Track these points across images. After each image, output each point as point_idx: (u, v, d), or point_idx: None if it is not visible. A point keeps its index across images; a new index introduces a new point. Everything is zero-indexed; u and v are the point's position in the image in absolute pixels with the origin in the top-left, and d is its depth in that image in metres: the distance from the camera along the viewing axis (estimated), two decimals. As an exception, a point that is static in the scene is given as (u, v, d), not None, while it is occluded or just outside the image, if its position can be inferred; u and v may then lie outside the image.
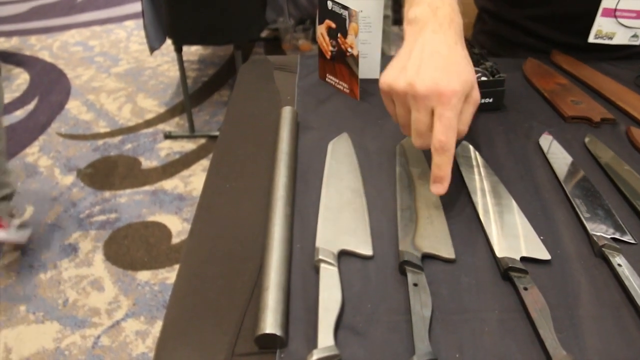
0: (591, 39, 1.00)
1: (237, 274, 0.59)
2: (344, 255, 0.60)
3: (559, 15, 1.05)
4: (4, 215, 1.90)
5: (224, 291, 0.57)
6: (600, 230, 0.63)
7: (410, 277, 0.56)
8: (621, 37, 0.99)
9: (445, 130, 0.60)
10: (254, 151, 0.77)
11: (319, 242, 0.59)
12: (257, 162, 0.74)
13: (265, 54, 3.52)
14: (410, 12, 0.70)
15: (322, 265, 0.57)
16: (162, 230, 2.14)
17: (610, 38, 0.99)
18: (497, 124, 0.84)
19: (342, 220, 0.63)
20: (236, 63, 2.59)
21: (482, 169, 0.73)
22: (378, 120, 0.84)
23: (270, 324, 0.50)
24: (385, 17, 2.69)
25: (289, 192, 0.66)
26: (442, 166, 0.61)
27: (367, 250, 0.60)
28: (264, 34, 3.62)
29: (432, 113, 0.61)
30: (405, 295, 0.55)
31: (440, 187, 0.63)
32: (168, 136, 2.72)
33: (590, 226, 0.64)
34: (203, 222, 0.67)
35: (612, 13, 0.97)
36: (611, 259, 0.59)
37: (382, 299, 0.55)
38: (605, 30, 0.98)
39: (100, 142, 2.70)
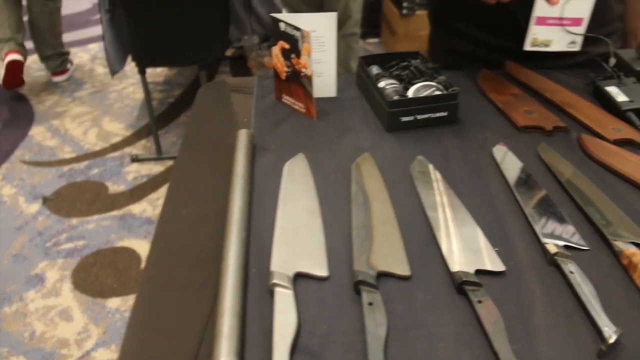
0: (527, 47, 0.99)
1: (194, 302, 0.58)
2: (299, 277, 0.59)
3: (509, 25, 1.07)
4: (65, 66, 3.49)
5: (181, 320, 0.57)
6: (552, 239, 0.65)
7: (365, 297, 0.56)
8: (558, 44, 0.99)
9: None
10: (211, 176, 0.77)
11: (274, 266, 0.59)
12: (214, 187, 0.74)
13: (231, 72, 3.53)
14: None
15: (277, 289, 0.57)
16: (132, 256, 2.11)
17: (547, 45, 0.99)
18: (453, 137, 0.85)
19: (298, 242, 0.63)
20: (201, 83, 2.58)
21: (437, 184, 0.74)
22: (334, 139, 0.84)
23: (225, 352, 0.50)
24: (353, 34, 2.70)
25: (244, 216, 0.66)
26: None
27: (323, 272, 0.60)
28: (229, 52, 3.61)
29: None
30: (360, 315, 0.55)
31: None
32: (135, 159, 2.69)
33: (542, 235, 0.65)
34: (160, 251, 0.66)
35: (546, 21, 0.98)
36: (563, 266, 0.60)
37: (337, 319, 0.55)
38: (540, 38, 0.99)
39: (65, 168, 2.66)
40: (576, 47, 0.97)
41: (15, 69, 3.18)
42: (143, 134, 2.91)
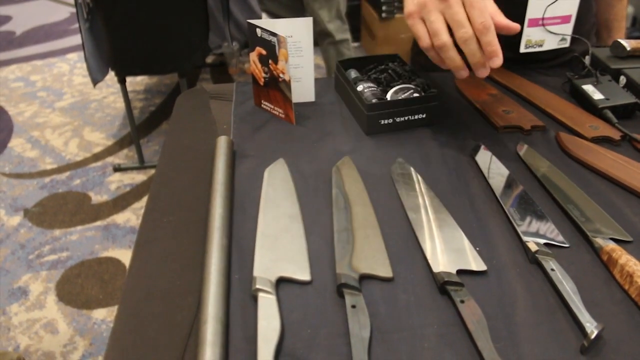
0: (522, 50, 1.03)
1: (177, 310, 0.58)
2: (282, 282, 0.59)
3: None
4: None
5: (163, 328, 0.56)
6: (533, 237, 0.65)
7: (348, 299, 0.56)
8: (550, 43, 1.03)
9: (481, 14, 0.70)
10: (191, 183, 0.76)
11: (257, 271, 0.59)
12: (194, 194, 0.74)
13: (212, 79, 3.52)
14: None
15: (260, 294, 0.56)
16: (117, 266, 2.09)
17: (541, 45, 1.03)
18: (432, 138, 0.86)
19: (280, 247, 0.63)
20: (182, 91, 2.57)
21: (417, 185, 0.74)
22: (314, 144, 0.84)
23: (209, 359, 0.50)
24: (344, 40, 2.71)
25: (225, 223, 0.65)
26: (492, 42, 0.70)
27: (305, 276, 0.60)
28: (209, 59, 3.61)
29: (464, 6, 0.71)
30: (344, 317, 0.55)
31: (497, 60, 0.72)
32: (117, 169, 2.68)
33: (523, 234, 0.66)
34: (141, 259, 0.66)
35: (538, 22, 1.01)
36: (544, 264, 0.61)
37: (321, 323, 0.55)
38: (534, 39, 1.02)
39: (47, 179, 2.64)
40: (566, 44, 1.02)
41: None
42: (125, 143, 2.89)
